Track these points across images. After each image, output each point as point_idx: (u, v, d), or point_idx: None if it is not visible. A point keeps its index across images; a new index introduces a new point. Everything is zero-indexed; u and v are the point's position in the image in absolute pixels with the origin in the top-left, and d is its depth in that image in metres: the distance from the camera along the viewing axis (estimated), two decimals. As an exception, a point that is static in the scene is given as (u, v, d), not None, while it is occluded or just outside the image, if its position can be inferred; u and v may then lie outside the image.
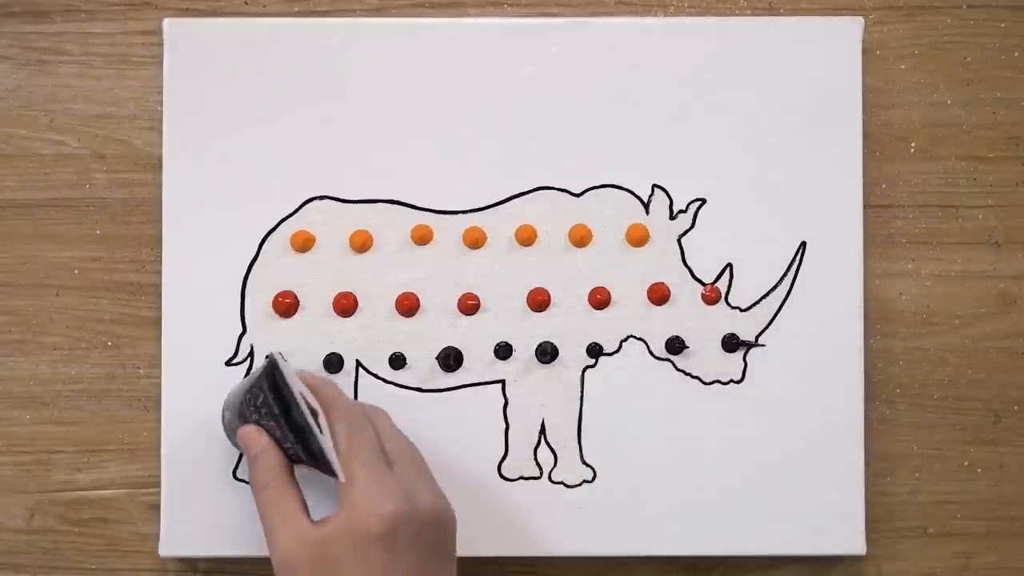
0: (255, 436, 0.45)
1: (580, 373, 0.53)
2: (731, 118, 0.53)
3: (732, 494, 0.52)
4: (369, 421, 0.46)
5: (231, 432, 0.48)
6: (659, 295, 0.52)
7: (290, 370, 0.45)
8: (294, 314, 0.52)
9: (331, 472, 0.44)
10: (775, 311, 0.53)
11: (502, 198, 0.53)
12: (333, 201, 0.52)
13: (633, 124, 0.53)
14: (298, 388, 0.45)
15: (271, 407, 0.45)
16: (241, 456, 0.52)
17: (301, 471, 0.46)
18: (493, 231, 0.53)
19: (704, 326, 0.53)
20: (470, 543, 0.52)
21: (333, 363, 0.52)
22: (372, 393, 0.52)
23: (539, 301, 0.52)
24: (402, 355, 0.52)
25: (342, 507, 0.42)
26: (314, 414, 0.44)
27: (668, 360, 0.53)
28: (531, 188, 0.53)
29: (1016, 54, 0.55)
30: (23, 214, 0.54)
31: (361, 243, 0.52)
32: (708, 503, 0.52)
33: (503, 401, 0.53)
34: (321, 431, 0.44)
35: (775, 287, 0.53)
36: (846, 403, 0.52)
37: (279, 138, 0.52)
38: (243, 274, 0.52)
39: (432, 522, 0.43)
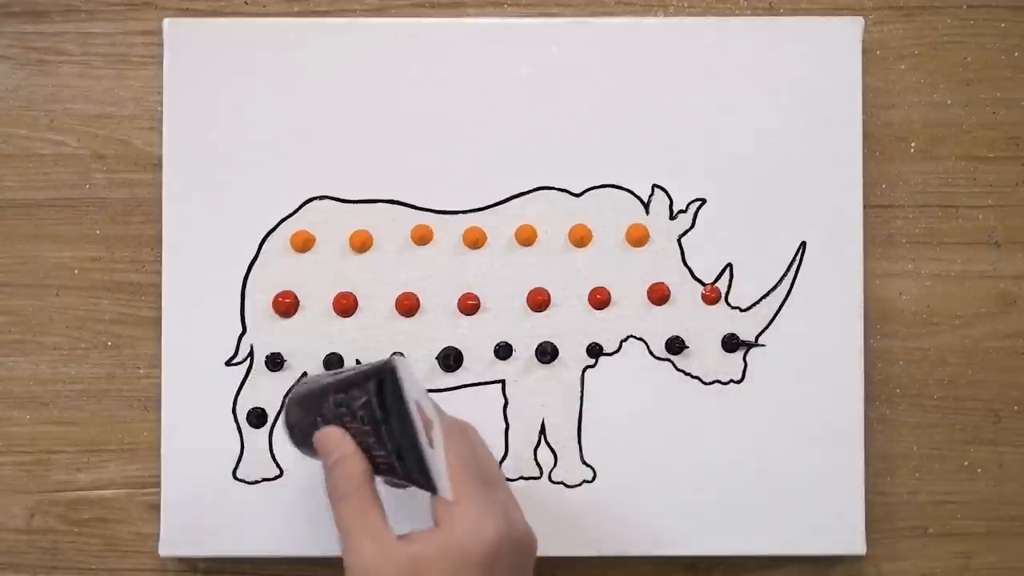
0: (339, 440, 0.41)
1: (580, 373, 0.52)
2: (731, 118, 0.53)
3: (732, 494, 0.52)
4: (467, 437, 0.43)
5: (299, 430, 0.43)
6: (659, 295, 0.52)
7: (412, 376, 0.41)
8: (294, 314, 0.52)
9: (428, 487, 0.40)
10: (775, 311, 0.53)
11: (502, 198, 0.53)
12: (333, 201, 0.52)
13: (633, 124, 0.53)
14: (414, 396, 0.41)
15: (374, 411, 0.40)
16: (241, 456, 0.52)
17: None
18: (493, 231, 0.53)
19: (704, 326, 0.53)
20: (470, 543, 0.52)
21: (333, 363, 0.52)
22: (372, 393, 0.52)
23: (539, 301, 0.52)
24: (402, 355, 0.52)
25: (440, 525, 0.39)
26: (426, 426, 0.41)
27: (668, 360, 0.53)
28: (531, 188, 0.53)
29: (1016, 54, 0.55)
30: (23, 214, 0.54)
31: (361, 243, 0.52)
32: (708, 503, 0.52)
33: (503, 401, 0.53)
34: (432, 445, 0.40)
35: (775, 287, 0.53)
36: (846, 403, 0.52)
37: (279, 138, 0.52)
38: (243, 274, 0.52)
39: (525, 546, 0.41)
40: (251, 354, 0.52)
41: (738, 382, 0.53)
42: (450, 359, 0.52)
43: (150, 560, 0.54)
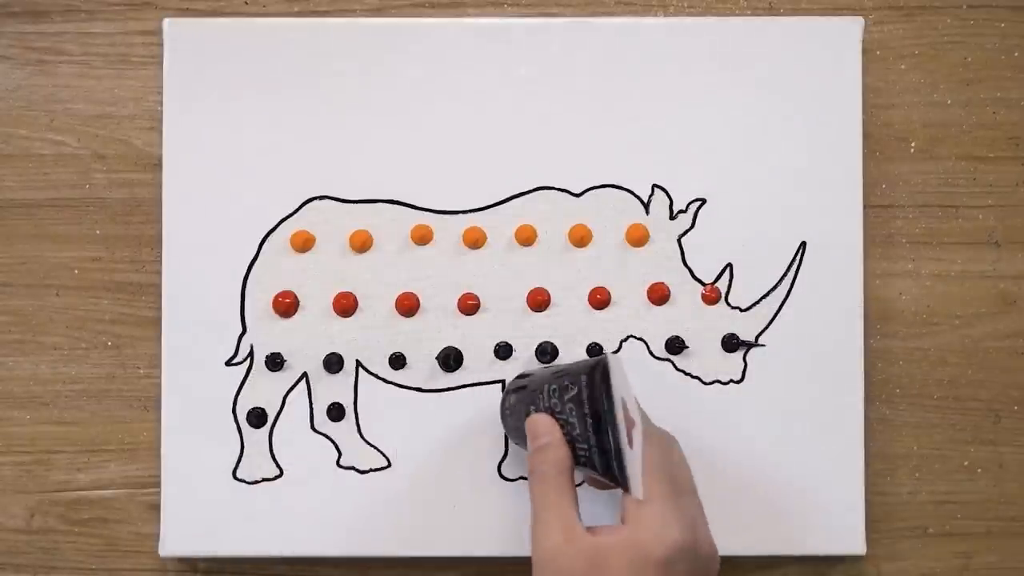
0: (548, 426, 0.43)
1: (580, 373, 0.52)
2: (731, 118, 0.53)
3: (732, 494, 0.52)
4: (665, 445, 0.44)
5: (513, 418, 0.46)
6: (659, 295, 0.52)
7: (623, 376, 0.43)
8: (294, 314, 0.52)
9: (622, 484, 0.41)
10: (775, 311, 0.53)
11: (502, 198, 0.53)
12: (333, 201, 0.52)
13: (633, 124, 0.53)
14: (620, 395, 0.42)
15: (582, 404, 0.42)
16: (241, 456, 0.52)
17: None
18: (493, 231, 0.53)
19: (704, 326, 0.53)
20: (470, 543, 0.52)
21: (333, 363, 0.52)
22: (372, 393, 0.52)
23: (539, 301, 0.52)
24: (402, 355, 0.52)
25: (626, 523, 0.41)
26: (629, 425, 0.42)
27: (668, 360, 0.53)
28: (531, 188, 0.53)
29: (1016, 54, 0.55)
30: (23, 214, 0.54)
31: (361, 243, 0.52)
32: (708, 503, 0.52)
33: (503, 401, 0.53)
34: (631, 445, 0.42)
35: (775, 287, 0.53)
36: (846, 403, 0.52)
37: (279, 138, 0.52)
38: (243, 274, 0.52)
39: (706, 560, 0.42)
40: (251, 354, 0.52)
41: (738, 382, 0.53)
42: (450, 359, 0.52)
43: (150, 560, 0.54)
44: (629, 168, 0.53)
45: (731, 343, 0.52)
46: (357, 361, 0.52)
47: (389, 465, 0.52)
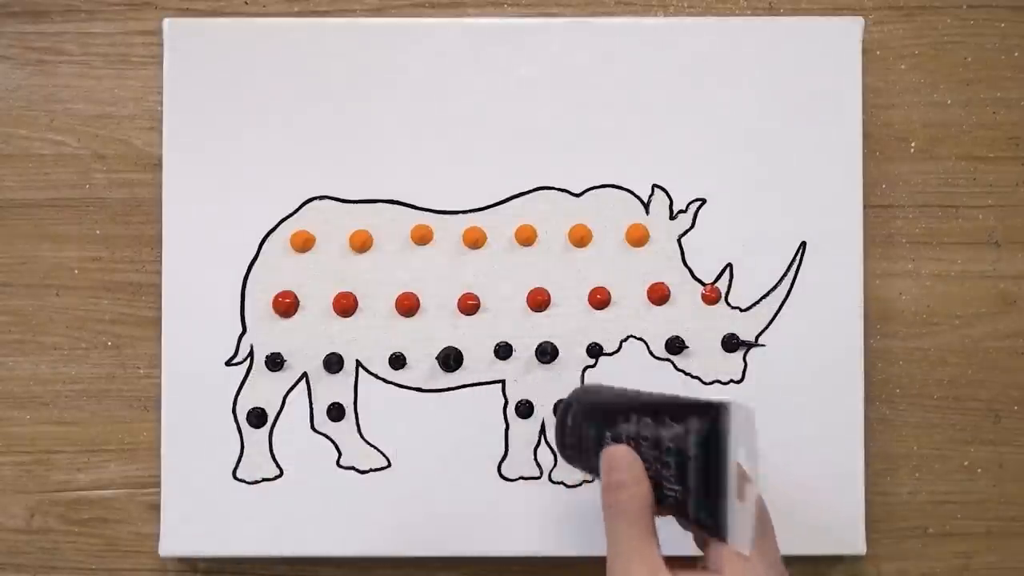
0: (631, 462, 0.40)
1: (580, 373, 0.52)
2: (731, 118, 0.53)
3: (732, 494, 0.52)
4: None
5: (575, 438, 0.43)
6: (659, 295, 0.52)
7: (747, 426, 0.39)
8: (294, 314, 0.52)
9: (717, 534, 0.38)
10: (775, 311, 0.53)
11: (502, 198, 0.53)
12: (333, 201, 0.52)
13: (633, 124, 0.53)
14: (738, 446, 0.38)
15: (686, 446, 0.38)
16: (241, 456, 0.52)
17: None
18: (493, 231, 0.53)
19: (704, 326, 0.53)
20: (470, 543, 0.52)
21: (333, 363, 0.52)
22: (372, 393, 0.52)
23: (539, 301, 0.52)
24: (402, 355, 0.52)
25: (722, 574, 0.39)
26: (741, 478, 0.39)
27: (668, 360, 0.53)
28: (531, 188, 0.53)
29: (1016, 54, 0.55)
30: (23, 214, 0.54)
31: (361, 243, 0.52)
32: (708, 503, 0.52)
33: (503, 401, 0.53)
34: (742, 498, 0.38)
35: (775, 287, 0.53)
36: (846, 403, 0.52)
37: (279, 138, 0.52)
38: (243, 274, 0.52)
39: None
40: (251, 354, 0.52)
41: (738, 382, 0.53)
42: (450, 359, 0.52)
43: (150, 560, 0.54)
44: (629, 168, 0.53)
45: (731, 343, 0.52)
46: (357, 361, 0.52)
47: (389, 465, 0.52)
